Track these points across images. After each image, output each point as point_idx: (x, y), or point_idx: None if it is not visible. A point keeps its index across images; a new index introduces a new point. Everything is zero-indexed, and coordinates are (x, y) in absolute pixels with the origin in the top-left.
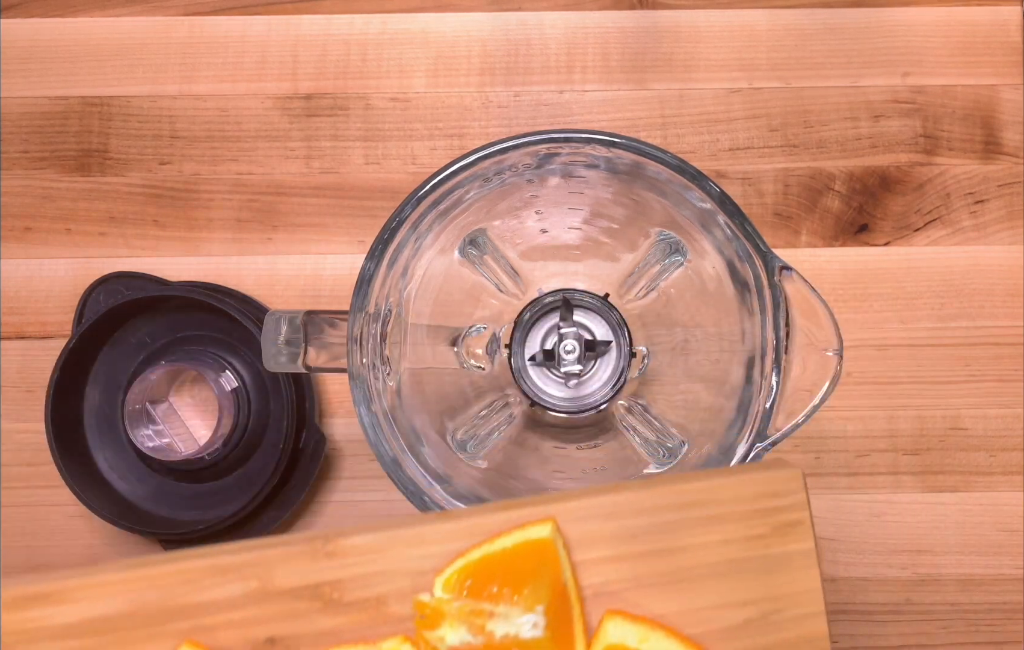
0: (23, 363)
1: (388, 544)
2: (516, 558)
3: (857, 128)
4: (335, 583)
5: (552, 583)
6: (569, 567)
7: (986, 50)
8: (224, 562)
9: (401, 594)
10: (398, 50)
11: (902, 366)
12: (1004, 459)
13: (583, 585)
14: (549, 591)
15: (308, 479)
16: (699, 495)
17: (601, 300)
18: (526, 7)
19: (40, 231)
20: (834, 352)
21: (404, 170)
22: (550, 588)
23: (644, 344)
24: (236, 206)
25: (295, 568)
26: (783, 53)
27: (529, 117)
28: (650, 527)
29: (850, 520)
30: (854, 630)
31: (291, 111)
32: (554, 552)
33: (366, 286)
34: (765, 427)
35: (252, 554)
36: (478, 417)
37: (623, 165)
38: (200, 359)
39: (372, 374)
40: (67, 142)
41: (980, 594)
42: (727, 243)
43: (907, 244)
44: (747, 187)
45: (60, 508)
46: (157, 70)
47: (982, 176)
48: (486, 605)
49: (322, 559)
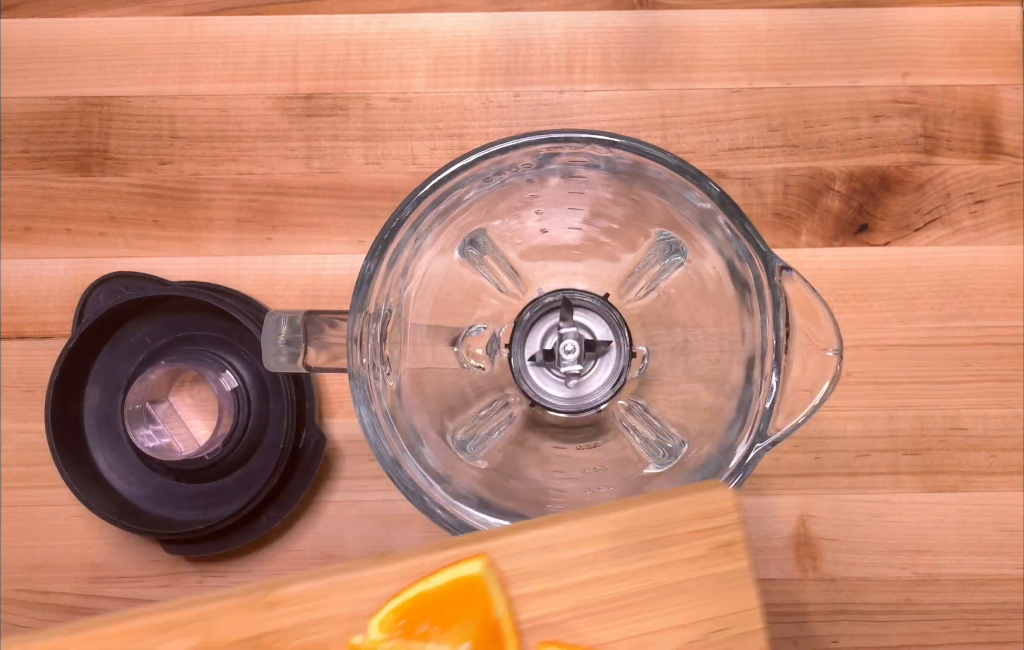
0: (23, 363)
1: (327, 591)
2: (447, 595)
3: (857, 128)
4: (276, 633)
5: (482, 619)
6: (504, 602)
7: (986, 50)
8: (166, 620)
9: (340, 639)
10: (398, 50)
11: (902, 366)
12: (1004, 459)
13: (521, 619)
14: (479, 627)
15: (308, 479)
16: (634, 522)
17: (601, 300)
18: (526, 7)
19: (40, 231)
20: (834, 352)
21: (404, 170)
22: (480, 624)
23: (644, 344)
24: (236, 206)
25: (236, 621)
26: (783, 53)
27: (529, 117)
28: (587, 558)
29: (850, 520)
30: (854, 630)
31: (291, 111)
32: (483, 588)
33: (366, 286)
34: (765, 427)
35: (193, 610)
36: (478, 417)
37: (623, 165)
38: (200, 359)
39: (372, 374)
40: (67, 142)
41: (980, 594)
42: (727, 243)
43: (907, 244)
44: (747, 187)
45: (60, 508)
46: (157, 70)
47: (982, 176)
48: (416, 644)
49: (262, 610)
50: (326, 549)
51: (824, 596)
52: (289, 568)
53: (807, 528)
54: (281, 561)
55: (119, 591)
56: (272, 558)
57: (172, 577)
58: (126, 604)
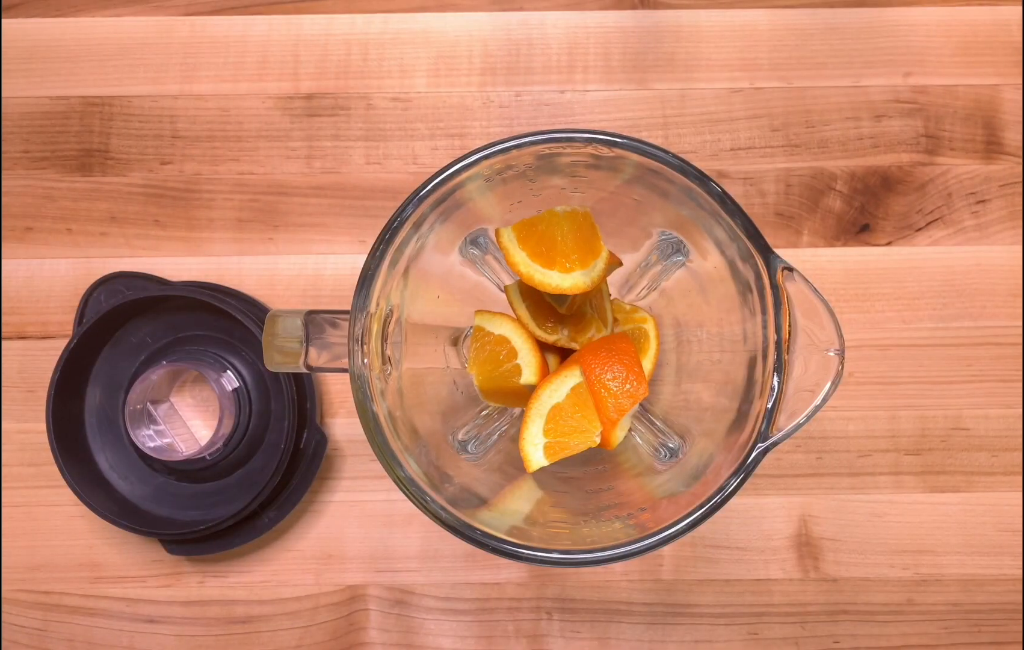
0: (24, 363)
1: None
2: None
3: (859, 128)
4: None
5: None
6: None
7: (988, 50)
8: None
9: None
10: (399, 50)
11: (904, 366)
12: (1006, 459)
13: None
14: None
15: (309, 479)
16: None
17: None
18: (527, 7)
19: (41, 231)
20: (836, 352)
21: (405, 170)
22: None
23: None
24: (237, 206)
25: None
26: (784, 53)
27: (530, 117)
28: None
29: (852, 520)
30: (856, 630)
31: (292, 111)
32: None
33: (367, 286)
34: (767, 427)
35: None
36: (480, 417)
37: (624, 165)
38: (201, 359)
39: (373, 374)
40: (68, 142)
41: (982, 594)
42: (729, 243)
43: (909, 244)
44: (749, 187)
45: (61, 508)
46: (158, 70)
47: (984, 176)
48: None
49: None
50: (327, 549)
51: (825, 596)
52: (290, 568)
53: (808, 528)
54: (282, 561)
55: (120, 591)
56: (273, 558)
57: (173, 577)
58: (127, 604)
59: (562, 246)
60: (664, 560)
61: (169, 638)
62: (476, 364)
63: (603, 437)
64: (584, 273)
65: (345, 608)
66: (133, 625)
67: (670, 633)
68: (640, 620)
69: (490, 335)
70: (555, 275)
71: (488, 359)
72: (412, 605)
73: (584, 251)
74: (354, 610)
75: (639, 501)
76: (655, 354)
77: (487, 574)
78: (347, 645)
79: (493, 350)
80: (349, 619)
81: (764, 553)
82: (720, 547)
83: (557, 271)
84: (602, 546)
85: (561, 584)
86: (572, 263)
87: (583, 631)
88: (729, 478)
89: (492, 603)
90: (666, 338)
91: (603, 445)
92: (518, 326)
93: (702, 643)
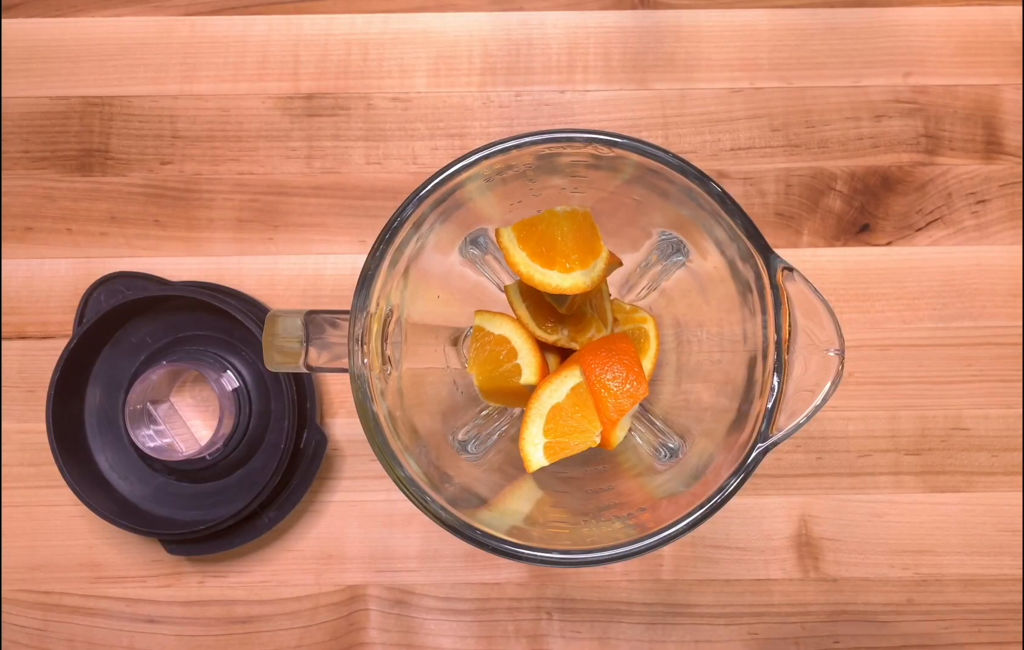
0: (24, 363)
1: None
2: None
3: (859, 128)
4: None
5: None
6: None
7: (988, 50)
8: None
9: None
10: (399, 50)
11: (904, 366)
12: (1006, 459)
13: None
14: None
15: (309, 479)
16: None
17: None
18: (527, 7)
19: (41, 231)
20: (836, 352)
21: (405, 170)
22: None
23: None
24: (237, 206)
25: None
26: (784, 53)
27: (530, 117)
28: None
29: (852, 520)
30: (856, 630)
31: (292, 111)
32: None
33: (367, 286)
34: (767, 427)
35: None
36: (480, 417)
37: (624, 165)
38: (201, 359)
39: (373, 374)
40: (68, 142)
41: (982, 594)
42: (729, 243)
43: (909, 244)
44: (749, 187)
45: (61, 508)
46: (158, 70)
47: (984, 176)
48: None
49: None
50: (327, 549)
51: (826, 596)
52: (290, 568)
53: (808, 528)
54: (282, 561)
55: (120, 591)
56: (273, 558)
57: (173, 577)
58: (127, 604)
59: (562, 246)
60: (664, 560)
61: (169, 638)
62: (476, 364)
63: (603, 437)
64: (584, 273)
65: (345, 608)
66: (133, 625)
67: (670, 633)
68: (640, 620)
69: (490, 335)
70: (555, 275)
71: (488, 359)
72: (412, 605)
73: (584, 251)
74: (354, 610)
75: (639, 501)
76: (655, 354)
77: (487, 574)
78: (347, 645)
79: (493, 350)
80: (349, 619)
81: (764, 553)
82: (720, 547)
83: (557, 271)
84: (602, 546)
85: (561, 584)
86: (572, 263)
87: (583, 631)
88: (729, 478)
89: (492, 603)
90: (666, 338)
91: (603, 445)
92: (518, 326)
93: (702, 643)
